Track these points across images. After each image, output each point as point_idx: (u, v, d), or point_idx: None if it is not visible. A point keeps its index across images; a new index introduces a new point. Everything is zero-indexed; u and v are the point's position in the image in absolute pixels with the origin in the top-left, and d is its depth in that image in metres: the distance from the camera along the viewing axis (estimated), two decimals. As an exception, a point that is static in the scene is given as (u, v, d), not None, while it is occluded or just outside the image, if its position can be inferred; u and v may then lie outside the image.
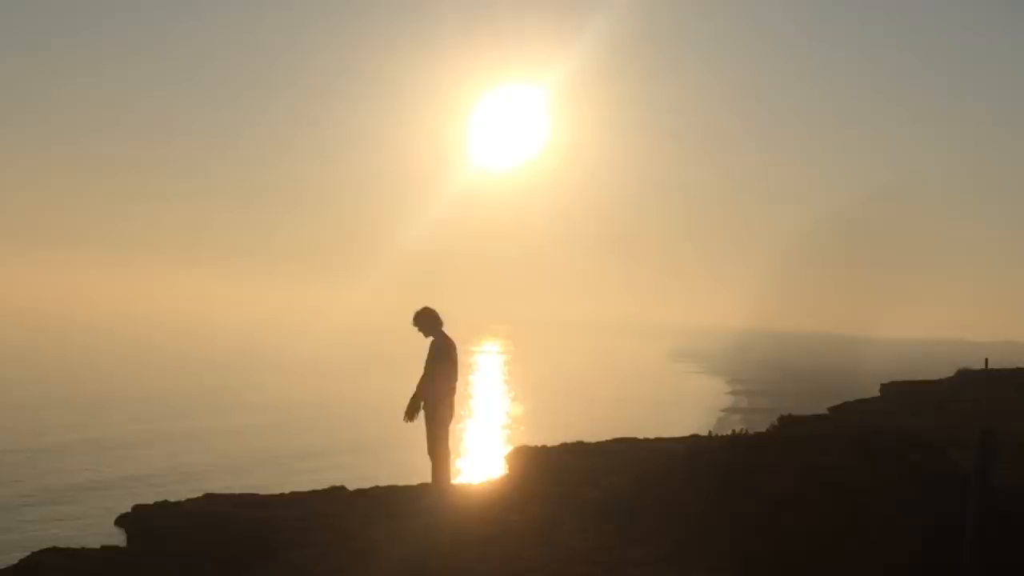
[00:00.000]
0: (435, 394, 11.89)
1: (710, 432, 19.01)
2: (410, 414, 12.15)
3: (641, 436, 20.67)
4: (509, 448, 18.94)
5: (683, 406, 61.88)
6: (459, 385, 12.26)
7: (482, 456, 39.44)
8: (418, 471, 15.50)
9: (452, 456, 12.61)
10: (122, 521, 18.35)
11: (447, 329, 12.09)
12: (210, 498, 15.87)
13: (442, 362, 11.78)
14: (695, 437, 19.21)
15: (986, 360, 40.48)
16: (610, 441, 19.11)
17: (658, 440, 20.03)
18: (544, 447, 17.06)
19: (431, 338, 11.90)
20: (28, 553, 14.13)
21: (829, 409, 30.92)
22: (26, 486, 26.95)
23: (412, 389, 12.28)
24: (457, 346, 12.14)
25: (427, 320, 11.77)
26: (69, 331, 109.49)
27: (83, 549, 14.32)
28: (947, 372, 42.64)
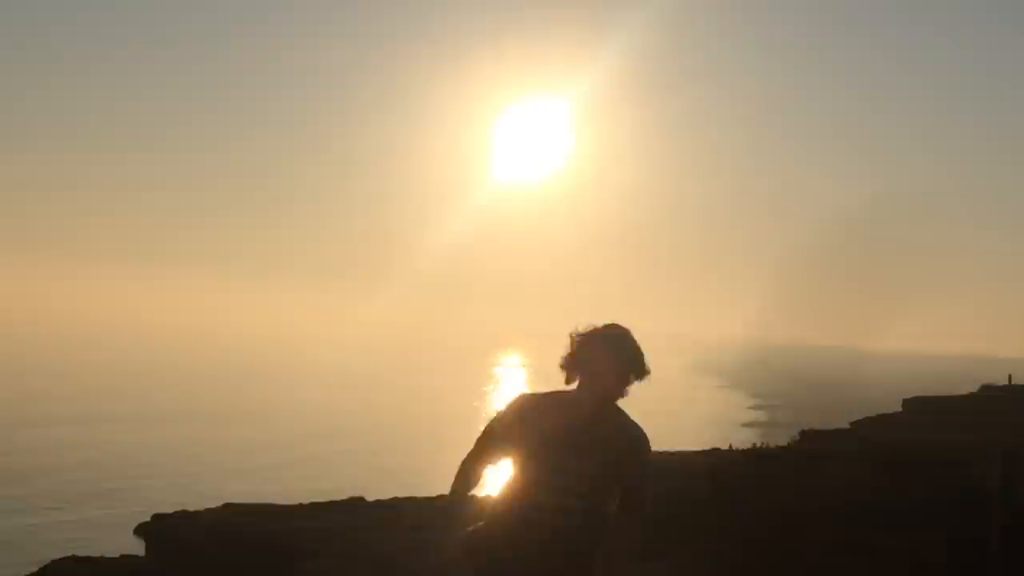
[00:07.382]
0: None
1: (731, 445, 18.90)
2: None
3: (661, 449, 20.55)
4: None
5: (704, 419, 61.61)
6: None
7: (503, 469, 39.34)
8: (434, 483, 15.41)
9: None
10: (141, 530, 18.38)
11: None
12: (229, 508, 15.89)
13: None
14: (716, 451, 19.10)
15: (1009, 376, 40.14)
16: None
17: (679, 454, 19.93)
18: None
19: None
20: (47, 561, 14.20)
21: (851, 424, 30.73)
22: (45, 494, 27.03)
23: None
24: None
25: None
26: (84, 340, 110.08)
27: (102, 558, 14.35)
28: (970, 387, 42.24)
